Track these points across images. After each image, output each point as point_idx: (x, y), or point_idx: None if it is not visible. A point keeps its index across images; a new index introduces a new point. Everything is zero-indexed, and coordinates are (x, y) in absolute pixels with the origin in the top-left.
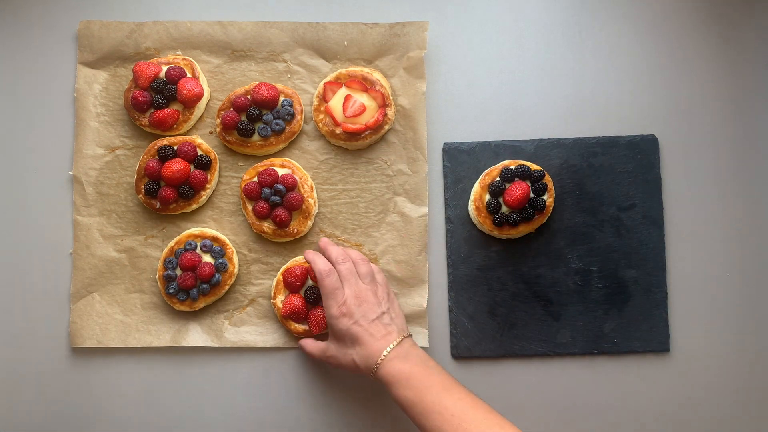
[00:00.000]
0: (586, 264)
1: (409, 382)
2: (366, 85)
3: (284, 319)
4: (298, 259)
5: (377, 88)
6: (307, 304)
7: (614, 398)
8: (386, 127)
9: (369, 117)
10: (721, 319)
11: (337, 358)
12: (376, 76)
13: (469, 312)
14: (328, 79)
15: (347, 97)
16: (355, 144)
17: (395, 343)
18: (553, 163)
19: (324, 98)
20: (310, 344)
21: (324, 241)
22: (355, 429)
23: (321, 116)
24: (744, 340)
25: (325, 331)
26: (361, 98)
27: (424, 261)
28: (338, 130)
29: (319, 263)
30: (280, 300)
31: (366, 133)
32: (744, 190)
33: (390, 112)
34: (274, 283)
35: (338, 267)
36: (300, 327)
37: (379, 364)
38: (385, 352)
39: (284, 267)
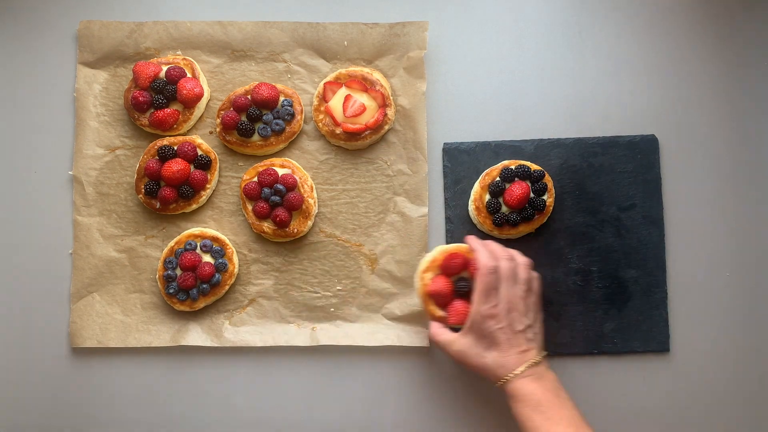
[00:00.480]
0: (586, 264)
1: (539, 406)
2: (366, 85)
3: (427, 296)
4: (461, 246)
5: (377, 88)
6: (453, 293)
7: (614, 398)
8: (386, 127)
9: (369, 117)
10: (721, 319)
11: (466, 355)
12: (376, 76)
13: None
14: (328, 79)
15: (347, 97)
16: (355, 144)
17: (533, 362)
18: (553, 163)
19: (324, 98)
20: (441, 332)
21: (488, 244)
22: (355, 428)
23: (321, 116)
24: (744, 340)
25: (461, 324)
26: (361, 98)
27: None
28: (338, 130)
29: (485, 257)
30: (428, 276)
31: (366, 133)
32: (744, 190)
33: (390, 112)
34: (428, 259)
35: (500, 263)
36: (438, 311)
37: (511, 377)
38: (521, 368)
39: (443, 248)
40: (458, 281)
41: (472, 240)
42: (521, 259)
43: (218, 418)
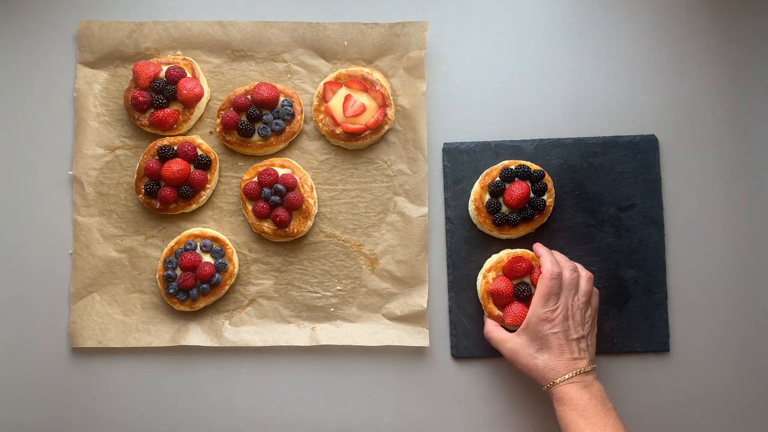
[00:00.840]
0: (586, 264)
1: (585, 411)
2: (366, 85)
3: (487, 294)
4: (528, 252)
5: (377, 88)
6: (513, 295)
7: (614, 398)
8: (386, 127)
9: (369, 117)
10: (721, 319)
11: (518, 354)
12: (376, 76)
13: (469, 312)
14: (328, 79)
15: (347, 97)
16: (355, 144)
17: (583, 370)
18: (553, 163)
19: (324, 98)
20: (496, 329)
21: (556, 255)
22: (355, 428)
23: (321, 116)
24: (744, 340)
25: (516, 325)
26: (361, 98)
27: (424, 261)
28: (338, 130)
29: (550, 261)
30: (491, 276)
31: (366, 133)
32: (744, 190)
33: (390, 112)
34: (494, 259)
35: (564, 272)
36: (495, 310)
37: (560, 381)
38: (571, 374)
39: (510, 251)
40: (519, 285)
41: (539, 247)
42: (584, 273)
43: (218, 418)
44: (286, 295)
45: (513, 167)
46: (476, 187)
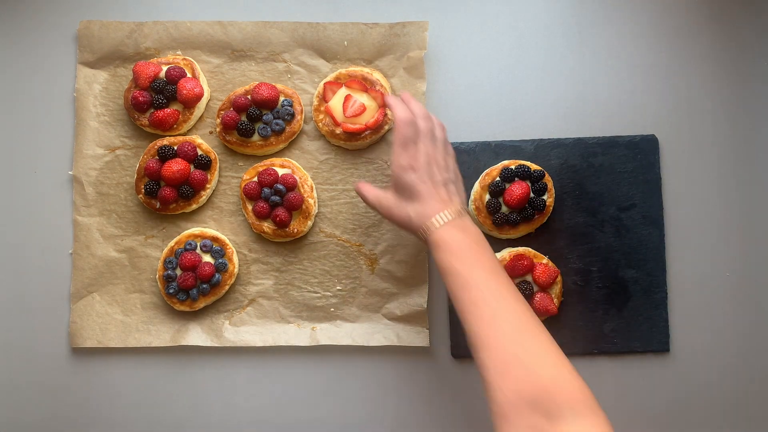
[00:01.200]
0: (586, 264)
1: (460, 253)
2: (366, 85)
3: None
4: (528, 250)
5: (377, 88)
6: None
7: (614, 398)
8: (386, 127)
9: (369, 117)
10: (721, 319)
11: (391, 210)
12: (376, 76)
13: None
14: (328, 79)
15: (347, 97)
16: (355, 144)
17: (455, 212)
18: (553, 163)
19: (324, 98)
20: (368, 189)
21: (405, 95)
22: (355, 428)
23: (321, 116)
24: (744, 340)
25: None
26: (361, 98)
27: (424, 261)
28: (338, 130)
29: (401, 110)
30: None
31: (366, 133)
32: (744, 190)
33: (390, 112)
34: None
35: (419, 121)
36: None
37: (435, 227)
38: (443, 217)
39: (511, 250)
40: (521, 283)
41: (389, 97)
42: (437, 121)
43: (218, 418)
44: (286, 295)
45: (513, 167)
46: (476, 187)
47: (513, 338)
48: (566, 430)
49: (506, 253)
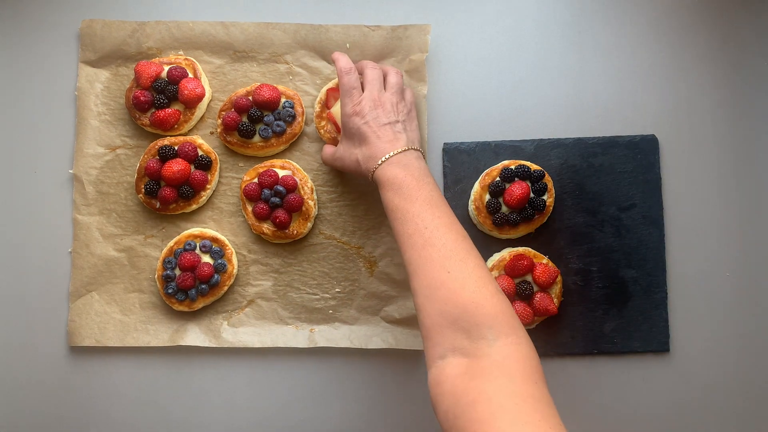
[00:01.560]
0: (586, 264)
1: (400, 189)
2: None
3: None
4: (528, 250)
5: None
6: (515, 294)
7: (614, 398)
8: None
9: None
10: (721, 319)
11: (343, 159)
12: None
13: None
14: (329, 85)
15: None
16: None
17: (399, 150)
18: (553, 163)
19: (326, 104)
20: (326, 148)
21: (341, 53)
22: (355, 428)
23: (323, 123)
24: (744, 340)
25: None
26: None
27: None
28: (339, 137)
29: (342, 61)
30: (494, 275)
31: None
32: (744, 190)
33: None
34: (495, 258)
35: (365, 71)
36: None
37: (378, 165)
38: (386, 156)
39: (512, 250)
40: (521, 283)
41: (336, 53)
42: (394, 69)
43: (217, 418)
44: (284, 296)
45: (513, 167)
46: (476, 187)
47: (440, 264)
48: (486, 347)
49: (506, 253)
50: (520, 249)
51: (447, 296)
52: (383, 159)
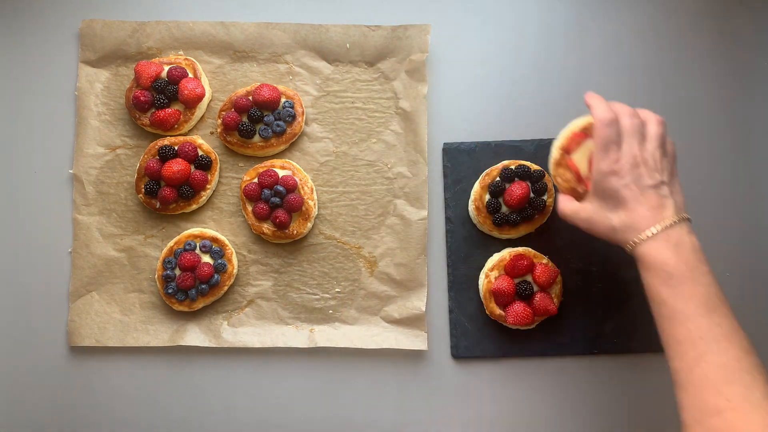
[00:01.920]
0: (586, 264)
1: (670, 278)
2: None
3: (489, 293)
4: (528, 250)
5: None
6: (515, 294)
7: (614, 398)
8: None
9: None
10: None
11: (592, 221)
12: None
13: (469, 312)
14: (573, 128)
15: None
16: None
17: (669, 223)
18: None
19: (567, 150)
20: (567, 203)
21: (598, 98)
22: (355, 428)
23: (561, 170)
24: None
25: (517, 325)
26: None
27: (423, 264)
28: (581, 189)
29: (601, 109)
30: (494, 275)
31: None
32: (744, 189)
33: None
34: (495, 258)
35: (622, 119)
36: (497, 309)
37: (641, 240)
38: (653, 229)
39: (511, 250)
40: (521, 283)
41: (591, 96)
42: (653, 116)
43: (217, 418)
44: (284, 296)
45: (513, 167)
46: (476, 187)
47: (717, 388)
48: None
49: (506, 253)
50: (520, 249)
51: (724, 429)
52: (649, 234)
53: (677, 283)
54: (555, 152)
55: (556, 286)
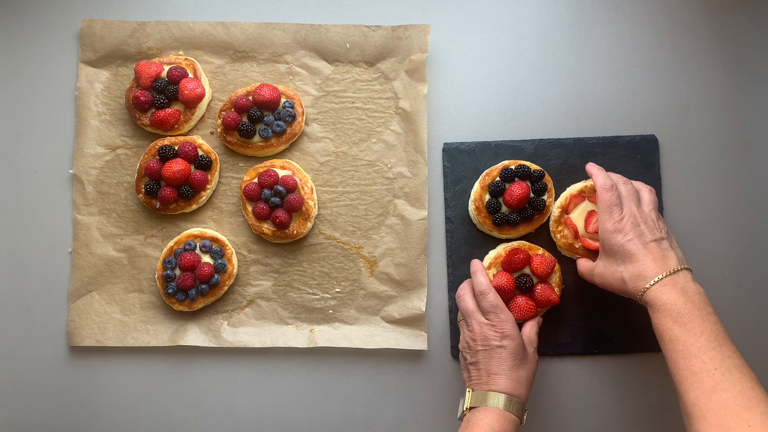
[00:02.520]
0: None
1: (680, 317)
2: None
3: None
4: (523, 243)
5: None
6: (516, 289)
7: (614, 398)
8: None
9: None
10: (720, 319)
11: (604, 276)
12: None
13: None
14: (572, 191)
15: (591, 213)
16: (591, 260)
17: (673, 270)
18: (553, 163)
19: (566, 210)
20: (583, 263)
21: (598, 168)
22: (355, 428)
23: (560, 227)
24: (743, 340)
25: (522, 319)
26: None
27: (423, 264)
28: (577, 244)
29: (601, 177)
30: (492, 272)
31: None
32: (744, 189)
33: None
34: (491, 255)
35: (619, 186)
36: None
37: (650, 285)
38: (659, 276)
39: (506, 245)
40: (520, 277)
41: (591, 166)
42: (645, 186)
43: (217, 418)
44: (284, 296)
45: (513, 167)
46: (476, 187)
47: (738, 414)
48: None
49: (501, 249)
50: (515, 243)
51: None
52: (656, 279)
53: (687, 321)
54: (555, 211)
55: (555, 275)
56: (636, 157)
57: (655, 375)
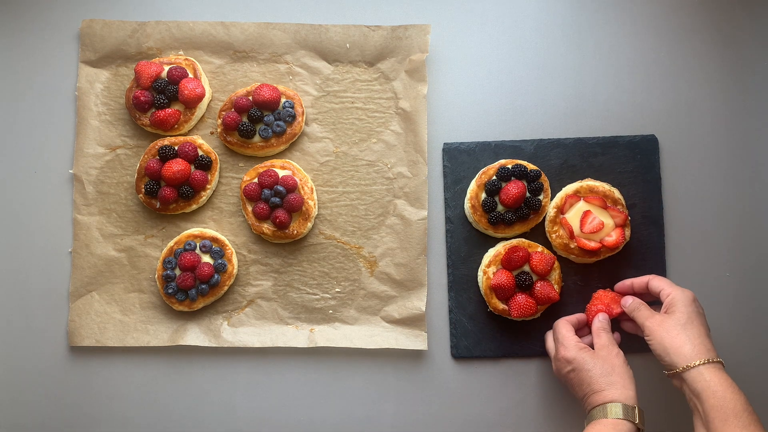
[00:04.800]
0: (585, 264)
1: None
2: (606, 202)
3: (489, 290)
4: (522, 241)
5: (618, 207)
6: (516, 286)
7: None
8: (621, 247)
9: (605, 235)
10: (720, 320)
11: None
12: (618, 195)
13: (469, 312)
14: (568, 191)
15: (586, 213)
16: (586, 260)
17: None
18: (553, 163)
19: (561, 210)
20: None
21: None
22: (355, 428)
23: (556, 228)
24: (744, 340)
25: (523, 317)
26: (601, 215)
27: (423, 264)
28: (572, 244)
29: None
30: (491, 271)
31: (600, 250)
32: (744, 189)
33: (628, 232)
34: (491, 253)
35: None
36: (500, 304)
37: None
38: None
39: (508, 243)
40: (519, 275)
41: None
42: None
43: (217, 417)
44: (284, 296)
45: (510, 166)
46: (473, 185)
47: None
48: None
49: (500, 247)
50: (514, 241)
51: None
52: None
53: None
54: (551, 210)
55: (555, 273)
56: (636, 157)
57: (655, 374)
